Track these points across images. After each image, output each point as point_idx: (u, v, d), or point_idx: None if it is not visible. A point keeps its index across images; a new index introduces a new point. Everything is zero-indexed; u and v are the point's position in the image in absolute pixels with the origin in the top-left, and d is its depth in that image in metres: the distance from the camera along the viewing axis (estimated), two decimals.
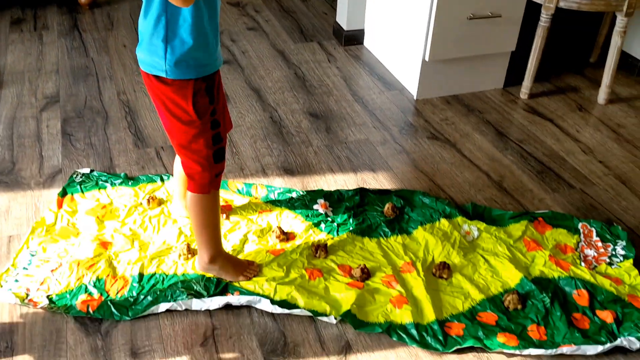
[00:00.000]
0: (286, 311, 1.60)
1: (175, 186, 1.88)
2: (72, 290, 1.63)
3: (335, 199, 2.03)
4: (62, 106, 2.47)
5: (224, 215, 1.90)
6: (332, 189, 2.08)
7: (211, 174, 1.55)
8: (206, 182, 1.56)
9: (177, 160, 1.78)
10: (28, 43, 2.95)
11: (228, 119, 1.67)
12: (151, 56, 1.40)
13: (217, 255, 1.67)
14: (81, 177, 2.05)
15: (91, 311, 1.58)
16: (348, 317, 1.58)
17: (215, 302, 1.61)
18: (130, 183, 2.04)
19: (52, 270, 1.68)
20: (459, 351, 1.54)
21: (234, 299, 1.62)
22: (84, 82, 2.65)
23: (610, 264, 1.80)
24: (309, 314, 1.60)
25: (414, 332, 1.57)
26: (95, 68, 2.77)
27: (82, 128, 2.34)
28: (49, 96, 2.54)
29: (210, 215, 1.63)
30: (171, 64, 1.39)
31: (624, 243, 1.87)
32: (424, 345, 1.54)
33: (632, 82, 2.88)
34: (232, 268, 1.68)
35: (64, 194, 1.97)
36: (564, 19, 3.15)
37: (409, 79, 2.73)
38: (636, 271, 1.75)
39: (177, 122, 1.48)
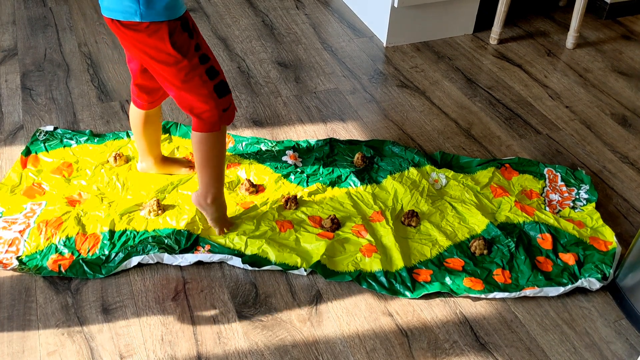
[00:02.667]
0: (258, 269, 1.61)
1: (137, 140, 1.80)
2: (42, 250, 1.62)
3: (304, 149, 2.03)
4: (20, 59, 2.39)
5: (190, 169, 1.88)
6: (302, 139, 2.08)
7: (219, 109, 1.51)
8: (216, 120, 1.51)
9: (134, 112, 1.73)
10: None
11: None
12: (121, 3, 1.36)
13: (219, 196, 1.64)
14: (45, 135, 2.00)
15: (63, 270, 1.57)
16: (318, 268, 1.61)
17: (186, 260, 1.62)
18: (96, 140, 2.00)
19: (20, 232, 1.66)
20: (426, 296, 1.58)
21: (205, 256, 1.62)
22: (43, 34, 2.56)
23: (573, 207, 1.85)
24: (280, 268, 1.62)
25: (383, 279, 1.60)
26: (54, 18, 2.67)
27: (43, 82, 2.28)
28: (6, 49, 2.45)
29: (218, 152, 1.58)
30: (145, 5, 1.35)
31: (587, 187, 1.91)
32: (392, 292, 1.58)
33: (600, 26, 2.88)
34: (222, 217, 1.67)
35: (27, 153, 1.93)
36: None
37: (379, 26, 2.69)
38: (598, 214, 1.80)
39: (163, 66, 1.44)
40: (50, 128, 2.03)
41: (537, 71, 2.53)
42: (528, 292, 1.58)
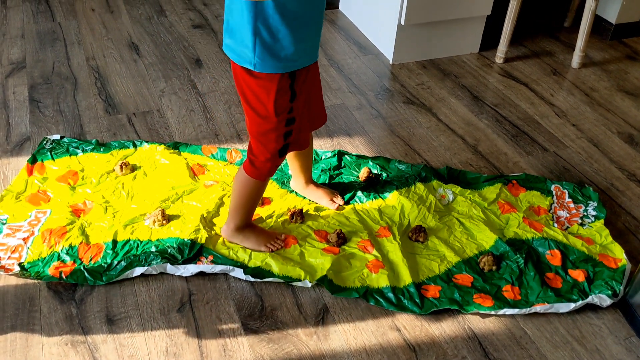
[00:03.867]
0: (259, 280, 1.60)
1: (289, 162, 1.80)
2: (45, 257, 1.60)
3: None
4: (28, 72, 2.40)
5: (332, 203, 1.85)
6: None
7: (273, 164, 1.55)
8: (265, 172, 1.56)
9: None
10: None
11: (318, 114, 1.65)
12: (239, 46, 1.35)
13: (244, 225, 1.66)
14: (51, 143, 2.00)
15: (64, 277, 1.56)
16: (325, 283, 1.59)
17: (188, 270, 1.60)
18: (102, 149, 2.00)
19: (24, 239, 1.65)
20: (435, 313, 1.56)
21: (208, 267, 1.61)
22: (51, 48, 2.57)
23: (582, 224, 1.83)
24: (283, 281, 1.60)
25: (390, 295, 1.58)
26: (62, 33, 2.69)
27: (51, 94, 2.28)
28: (14, 62, 2.46)
29: (255, 196, 1.63)
30: (261, 57, 1.34)
31: (595, 204, 1.90)
32: (401, 308, 1.56)
33: (606, 46, 2.90)
34: (255, 238, 1.67)
35: (33, 160, 1.92)
36: None
37: (385, 44, 2.70)
38: (607, 231, 1.79)
39: (253, 113, 1.45)
40: (57, 137, 2.03)
41: (543, 90, 2.54)
42: (538, 308, 1.56)
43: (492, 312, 1.55)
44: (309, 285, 1.59)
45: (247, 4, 1.28)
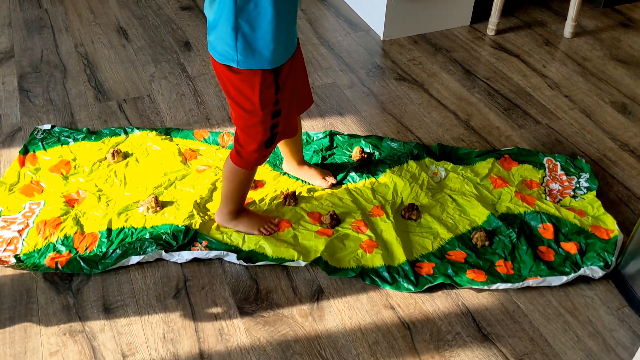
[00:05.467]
0: (252, 265, 1.61)
1: (280, 146, 1.81)
2: (40, 249, 1.61)
3: (304, 142, 2.02)
4: (17, 61, 2.39)
5: (325, 182, 1.86)
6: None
7: (259, 155, 1.54)
8: (252, 162, 1.56)
9: None
10: None
11: (305, 97, 1.63)
12: (221, 44, 1.34)
13: (237, 210, 1.67)
14: (42, 133, 2.00)
15: (60, 267, 1.57)
16: (320, 264, 1.60)
17: (183, 257, 1.61)
18: (93, 137, 2.00)
19: (19, 231, 1.66)
20: (429, 289, 1.57)
21: (202, 253, 1.62)
22: (39, 35, 2.55)
23: (574, 196, 1.84)
24: (276, 263, 1.61)
25: (385, 274, 1.59)
26: (50, 20, 2.66)
27: (40, 83, 2.27)
28: (2, 51, 2.44)
29: (245, 183, 1.63)
30: (242, 54, 1.33)
31: (587, 175, 1.90)
32: (395, 286, 1.57)
33: (598, 14, 2.87)
34: (249, 222, 1.67)
35: (25, 151, 1.92)
36: None
37: (375, 20, 2.68)
38: (599, 202, 1.79)
39: (238, 108, 1.45)
40: (47, 127, 2.03)
41: (535, 61, 2.52)
42: (531, 282, 1.57)
43: (485, 287, 1.57)
44: (303, 264, 1.61)
45: (225, 1, 1.27)
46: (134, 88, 2.27)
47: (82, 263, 1.58)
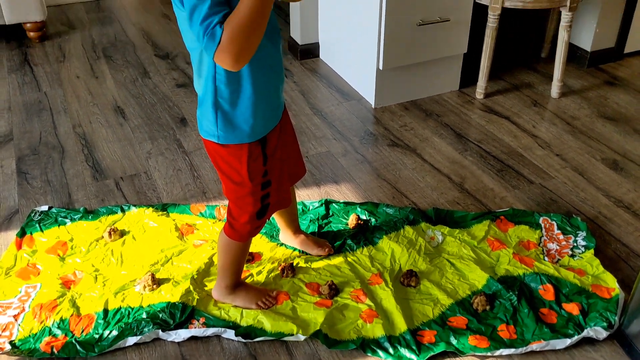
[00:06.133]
0: (251, 341, 1.58)
1: (276, 217, 1.82)
2: (36, 333, 1.59)
3: (300, 211, 2.03)
4: (16, 144, 2.43)
5: (325, 252, 1.86)
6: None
7: (252, 226, 1.54)
8: (245, 234, 1.56)
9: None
10: None
11: (296, 167, 1.65)
12: (203, 120, 1.37)
13: (234, 284, 1.66)
14: (40, 215, 2.01)
15: (56, 351, 1.54)
16: (320, 337, 1.58)
17: (180, 336, 1.59)
18: (90, 217, 2.01)
19: (14, 316, 1.64)
20: (432, 358, 1.54)
21: (199, 331, 1.60)
22: (38, 118, 2.61)
23: (572, 255, 1.83)
24: (275, 337, 1.58)
25: (387, 345, 1.56)
26: (48, 102, 2.73)
27: (38, 165, 2.30)
28: (2, 135, 2.49)
29: (240, 256, 1.63)
30: (223, 130, 1.35)
31: (584, 234, 1.90)
32: (397, 357, 1.54)
33: (583, 74, 2.94)
34: (246, 295, 1.66)
35: (22, 234, 1.93)
36: (512, 16, 3.22)
37: (366, 88, 2.75)
38: (597, 261, 1.78)
39: (228, 180, 1.46)
40: (45, 208, 2.04)
41: (525, 122, 2.57)
42: (534, 346, 1.54)
43: (489, 354, 1.54)
44: (302, 338, 1.58)
45: (207, 79, 1.30)
46: (130, 165, 2.30)
47: (78, 347, 1.56)
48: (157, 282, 1.73)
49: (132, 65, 3.08)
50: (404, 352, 1.55)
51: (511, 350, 1.54)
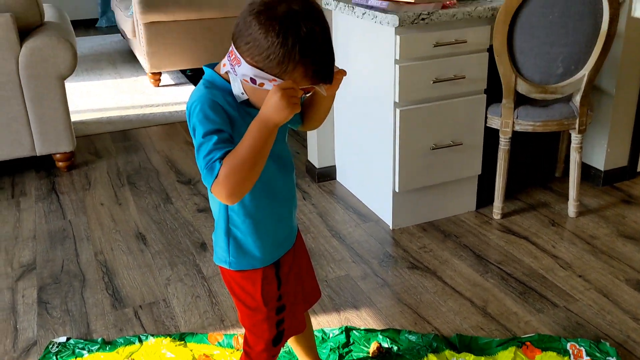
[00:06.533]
0: None
1: (292, 346, 1.78)
2: None
3: (319, 339, 1.99)
4: (38, 273, 2.46)
5: None
6: (317, 329, 2.04)
7: (268, 355, 1.52)
8: None
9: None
10: (5, 211, 2.99)
11: (311, 290, 1.64)
12: (216, 247, 1.41)
13: None
14: (57, 346, 1.99)
15: None
16: None
17: None
18: (108, 348, 1.99)
19: None
20: None
21: None
22: (61, 246, 2.66)
23: None
24: None
25: None
26: (72, 230, 2.79)
27: (59, 294, 2.32)
28: (25, 264, 2.53)
29: None
30: (235, 256, 1.38)
31: (614, 359, 1.83)
32: None
33: (599, 192, 2.96)
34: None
35: None
36: (524, 137, 3.31)
37: (383, 210, 2.78)
38: None
39: (242, 305, 1.46)
40: (63, 339, 2.03)
41: (544, 242, 2.56)
42: None
43: None
44: None
45: (220, 207, 1.35)
46: (149, 293, 2.31)
47: None
48: None
49: (155, 191, 3.18)
50: None
51: None
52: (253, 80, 1.18)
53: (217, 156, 1.15)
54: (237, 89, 1.23)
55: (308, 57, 1.16)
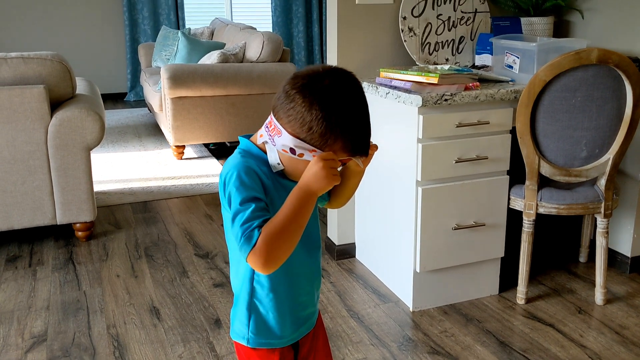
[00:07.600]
0: None
1: None
2: None
3: None
4: (48, 345, 2.41)
5: None
6: None
7: None
8: None
9: None
10: (21, 280, 2.97)
11: None
12: (235, 321, 1.37)
13: None
14: None
15: None
16: None
17: None
18: None
19: None
20: None
21: None
22: (74, 317, 2.61)
23: None
24: None
25: None
26: (86, 301, 2.75)
27: None
28: (36, 335, 2.48)
29: None
30: (254, 332, 1.34)
31: None
32: None
33: (626, 280, 2.87)
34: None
35: None
36: (548, 220, 3.26)
37: (403, 290, 2.71)
38: None
39: None
40: None
41: (571, 330, 2.45)
42: None
43: None
44: None
45: (244, 280, 1.31)
46: None
47: None
48: None
49: (171, 264, 3.15)
50: None
51: None
52: (293, 151, 1.19)
53: (255, 224, 1.14)
54: (273, 158, 1.23)
55: (348, 131, 1.18)
